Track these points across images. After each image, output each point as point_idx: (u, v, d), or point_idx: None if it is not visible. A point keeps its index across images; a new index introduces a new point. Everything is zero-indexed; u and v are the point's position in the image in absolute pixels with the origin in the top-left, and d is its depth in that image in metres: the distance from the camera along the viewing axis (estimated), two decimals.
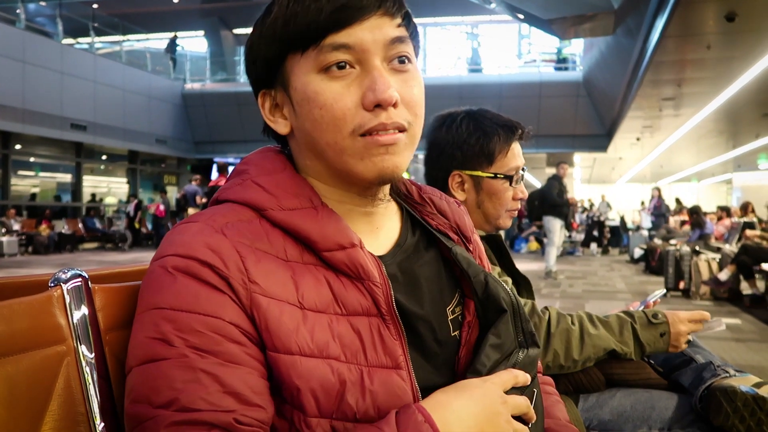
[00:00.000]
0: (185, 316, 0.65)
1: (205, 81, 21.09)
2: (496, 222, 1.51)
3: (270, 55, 0.76)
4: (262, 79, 0.79)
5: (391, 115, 0.72)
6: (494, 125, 1.46)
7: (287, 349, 0.66)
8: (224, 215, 0.73)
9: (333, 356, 0.68)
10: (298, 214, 0.74)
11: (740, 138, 17.53)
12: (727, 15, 7.20)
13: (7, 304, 0.69)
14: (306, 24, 0.71)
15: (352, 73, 0.72)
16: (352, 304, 0.72)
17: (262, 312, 0.67)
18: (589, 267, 11.76)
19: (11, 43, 14.11)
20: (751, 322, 5.82)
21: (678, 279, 7.62)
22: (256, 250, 0.70)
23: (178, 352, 0.63)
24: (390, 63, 0.74)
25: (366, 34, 0.71)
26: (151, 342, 0.65)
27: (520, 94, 17.68)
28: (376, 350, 0.72)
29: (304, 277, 0.71)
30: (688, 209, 11.92)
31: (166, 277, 0.67)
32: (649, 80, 10.49)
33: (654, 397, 1.37)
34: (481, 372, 0.76)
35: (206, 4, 20.65)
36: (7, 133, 14.86)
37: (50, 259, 13.05)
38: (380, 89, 0.70)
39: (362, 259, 0.74)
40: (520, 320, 0.83)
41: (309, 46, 0.72)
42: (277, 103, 0.79)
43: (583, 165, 25.47)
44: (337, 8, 0.70)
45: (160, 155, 20.55)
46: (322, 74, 0.72)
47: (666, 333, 1.40)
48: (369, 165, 0.73)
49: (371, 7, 0.71)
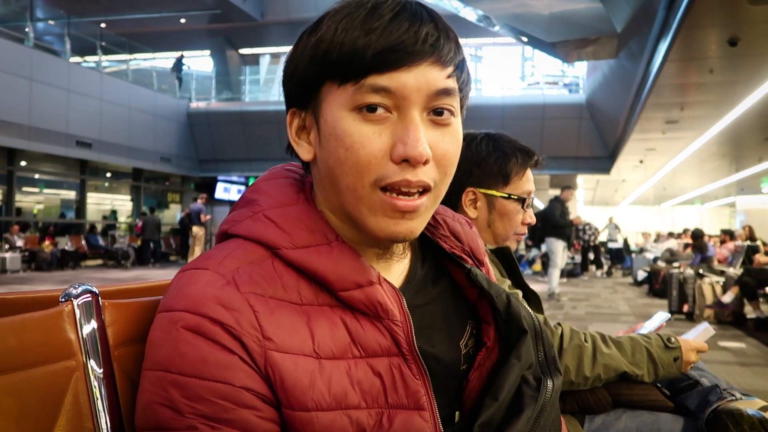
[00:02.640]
0: (193, 382, 0.61)
1: (211, 100, 21.23)
2: (503, 243, 1.55)
3: (307, 75, 0.70)
4: (295, 97, 0.73)
5: (418, 173, 0.67)
6: (513, 148, 1.50)
7: (303, 407, 0.64)
8: (234, 257, 0.69)
9: (352, 406, 0.66)
10: (313, 252, 0.70)
11: (743, 161, 17.54)
12: (729, 39, 7.25)
13: (19, 319, 0.69)
14: (350, 58, 0.65)
15: (387, 118, 0.67)
16: (371, 345, 0.69)
17: (277, 369, 0.64)
18: (593, 289, 11.72)
19: (19, 60, 14.24)
20: (756, 346, 5.78)
21: (682, 302, 7.58)
22: (270, 300, 0.67)
23: (186, 423, 0.60)
24: (430, 114, 0.68)
25: (411, 81, 0.65)
26: (159, 408, 0.62)
27: (523, 116, 17.75)
28: (397, 391, 0.69)
29: (319, 322, 0.68)
30: (690, 233, 11.89)
31: (174, 335, 0.64)
32: (652, 103, 10.54)
33: (660, 419, 1.36)
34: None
35: (213, 25, 20.85)
36: (13, 149, 14.94)
37: (53, 275, 13.04)
38: (412, 144, 0.65)
39: (381, 297, 0.70)
40: (542, 343, 0.80)
41: (348, 81, 0.66)
42: (305, 126, 0.74)
43: (587, 187, 25.50)
44: (386, 48, 0.64)
45: (164, 173, 20.63)
46: (355, 113, 0.67)
47: (679, 358, 1.40)
48: (381, 224, 0.69)
49: (424, 54, 0.65)
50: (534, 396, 0.76)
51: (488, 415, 0.73)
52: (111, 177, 19.88)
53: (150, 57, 22.78)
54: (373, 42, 0.65)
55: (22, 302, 0.81)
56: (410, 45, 0.65)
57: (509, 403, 0.75)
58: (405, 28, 0.65)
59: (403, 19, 0.66)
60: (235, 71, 22.60)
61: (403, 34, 0.65)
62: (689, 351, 1.42)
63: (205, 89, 21.85)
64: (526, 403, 0.75)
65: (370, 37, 0.65)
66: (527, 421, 0.73)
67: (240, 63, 23.12)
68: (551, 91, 19.34)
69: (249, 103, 20.83)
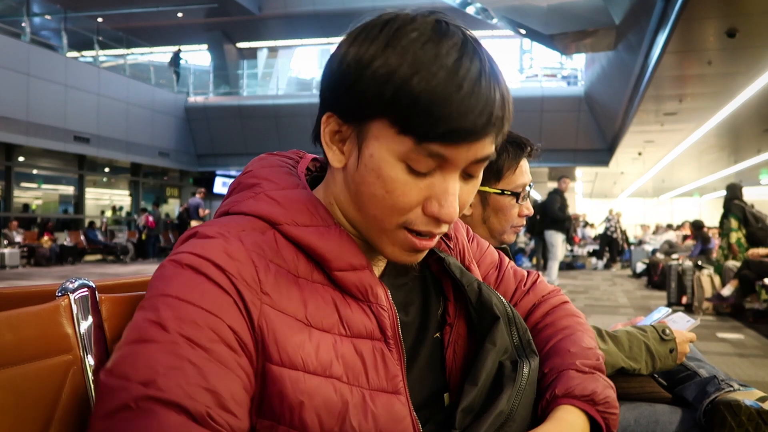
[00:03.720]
0: (188, 307, 0.63)
1: (208, 94, 21.20)
2: (500, 237, 1.53)
3: (364, 102, 0.67)
4: (341, 109, 0.71)
5: (442, 228, 0.72)
6: (504, 142, 1.47)
7: (292, 364, 0.66)
8: (240, 224, 0.73)
9: (336, 376, 0.68)
10: (313, 231, 0.74)
11: (742, 153, 17.54)
12: (728, 31, 7.24)
13: (15, 314, 0.69)
14: (420, 121, 0.65)
15: (430, 175, 0.69)
16: (357, 326, 0.73)
17: (271, 323, 0.66)
18: (592, 281, 11.73)
19: (16, 56, 14.20)
20: (754, 338, 5.79)
21: (680, 294, 7.59)
22: (270, 262, 0.70)
23: (170, 338, 0.61)
24: (465, 172, 0.72)
25: (465, 153, 0.68)
26: (147, 324, 0.62)
27: (521, 109, 17.70)
28: (378, 373, 0.72)
29: (312, 296, 0.71)
30: (690, 224, 11.90)
31: (178, 271, 0.66)
32: (651, 95, 10.53)
33: (658, 411, 1.36)
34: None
35: (210, 19, 20.78)
36: (11, 145, 14.91)
37: (52, 271, 13.05)
38: (446, 209, 0.70)
39: (372, 281, 0.75)
40: (516, 328, 0.85)
41: (410, 136, 0.66)
42: (340, 132, 0.72)
43: (585, 179, 25.49)
44: (459, 129, 0.65)
45: (162, 168, 20.62)
46: (403, 164, 0.68)
47: (674, 350, 1.40)
48: (397, 253, 0.74)
49: (487, 134, 0.68)
50: (512, 377, 0.79)
51: (469, 400, 0.76)
52: (109, 172, 19.86)
53: (147, 51, 22.71)
54: (447, 115, 0.64)
55: (18, 296, 0.81)
56: (480, 128, 0.66)
57: (489, 387, 0.79)
58: (480, 108, 0.65)
59: (481, 92, 0.65)
60: (232, 65, 22.54)
61: (476, 117, 0.65)
62: (683, 342, 1.42)
63: (202, 84, 21.80)
64: (506, 384, 0.78)
65: (447, 109, 0.64)
66: (508, 401, 0.76)
67: (237, 57, 23.06)
68: (549, 84, 19.30)
69: (247, 98, 20.79)
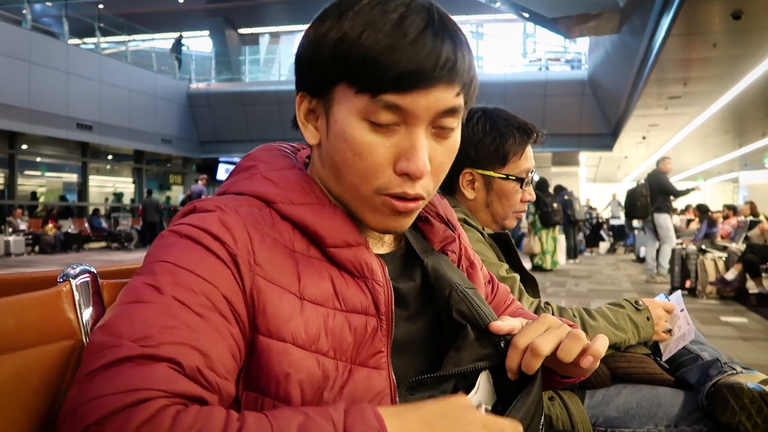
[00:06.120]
0: (185, 273, 0.64)
1: (211, 81, 21.12)
2: (502, 222, 1.55)
3: (324, 70, 0.71)
4: (308, 84, 0.75)
5: (416, 186, 0.72)
6: (510, 127, 1.48)
7: (280, 336, 0.67)
8: (236, 200, 0.74)
9: (321, 351, 0.69)
10: (308, 209, 0.75)
11: (747, 136, 17.46)
12: (733, 13, 7.17)
13: (17, 299, 0.69)
14: (371, 72, 0.67)
15: (395, 131, 0.70)
16: (352, 301, 0.74)
17: (262, 295, 0.68)
18: (595, 266, 11.73)
19: (17, 43, 14.16)
20: (758, 321, 5.79)
21: (684, 278, 7.58)
22: (265, 236, 0.71)
23: (165, 300, 0.62)
24: (434, 128, 0.72)
25: (423, 102, 0.68)
26: (144, 287, 0.63)
27: (525, 93, 17.63)
28: (366, 349, 0.73)
29: (307, 270, 0.72)
30: (695, 208, 11.88)
31: (177, 240, 0.68)
32: (655, 79, 10.46)
33: (660, 394, 1.37)
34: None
35: (211, 5, 20.69)
36: (14, 133, 14.91)
37: (56, 258, 13.10)
38: (414, 163, 0.70)
39: (368, 258, 0.76)
40: (486, 334, 0.78)
41: (365, 92, 0.68)
42: (314, 110, 0.76)
43: (589, 164, 25.42)
44: (407, 72, 0.66)
45: (165, 155, 20.60)
46: (365, 122, 0.70)
47: (650, 317, 1.43)
48: (378, 219, 0.75)
49: (440, 78, 0.68)
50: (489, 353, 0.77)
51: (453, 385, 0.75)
52: (112, 159, 19.86)
53: (149, 38, 22.64)
54: (395, 62, 0.66)
55: (21, 282, 0.82)
56: (429, 71, 0.67)
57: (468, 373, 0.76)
58: (426, 51, 0.67)
59: (427, 38, 0.67)
60: (234, 51, 22.46)
61: (423, 58, 0.67)
62: (656, 308, 1.45)
63: (204, 70, 21.73)
64: (485, 355, 0.76)
65: (393, 56, 0.66)
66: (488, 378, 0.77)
67: (239, 43, 22.97)
68: (553, 68, 19.20)
69: (249, 84, 20.72)
